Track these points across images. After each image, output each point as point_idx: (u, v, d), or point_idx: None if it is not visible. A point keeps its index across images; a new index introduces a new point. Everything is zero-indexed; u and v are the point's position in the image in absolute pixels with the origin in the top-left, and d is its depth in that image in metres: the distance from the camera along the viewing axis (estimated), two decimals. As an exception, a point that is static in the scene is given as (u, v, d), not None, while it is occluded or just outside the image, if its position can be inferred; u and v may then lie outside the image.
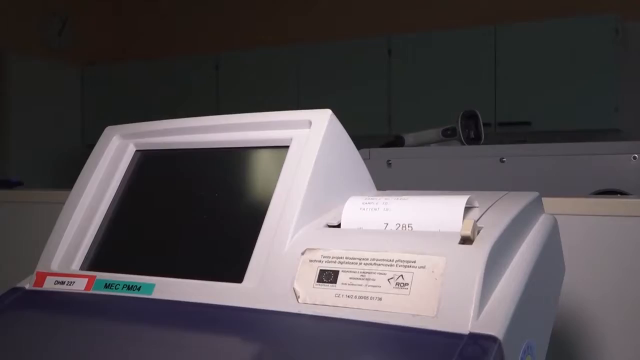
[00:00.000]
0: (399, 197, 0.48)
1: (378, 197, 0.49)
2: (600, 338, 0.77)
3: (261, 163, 0.54)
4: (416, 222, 0.46)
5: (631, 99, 3.37)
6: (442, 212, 0.45)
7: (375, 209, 0.47)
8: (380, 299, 0.41)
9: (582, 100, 3.26)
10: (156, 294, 0.49)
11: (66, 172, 4.31)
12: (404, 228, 0.46)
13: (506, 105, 3.39)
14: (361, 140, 0.50)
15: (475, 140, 1.95)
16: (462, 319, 0.38)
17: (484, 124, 2.05)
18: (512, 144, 1.78)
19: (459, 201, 0.45)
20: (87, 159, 0.60)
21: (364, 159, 0.63)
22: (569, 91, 3.28)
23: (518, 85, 3.36)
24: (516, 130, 3.38)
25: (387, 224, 0.47)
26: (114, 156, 0.59)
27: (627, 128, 3.29)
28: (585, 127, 3.24)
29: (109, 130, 0.61)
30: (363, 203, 0.48)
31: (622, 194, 1.54)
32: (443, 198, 0.46)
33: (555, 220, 0.51)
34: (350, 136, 0.53)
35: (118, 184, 0.58)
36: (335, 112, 0.52)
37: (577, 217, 0.77)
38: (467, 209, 0.47)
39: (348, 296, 0.42)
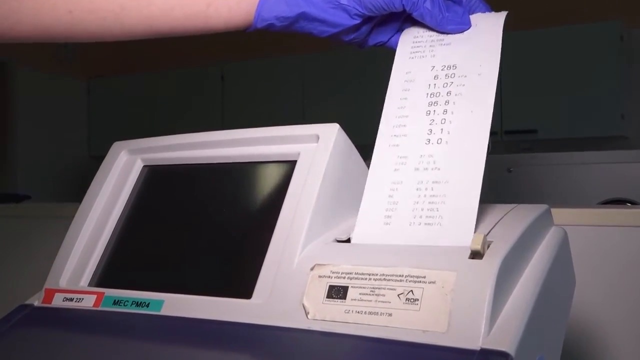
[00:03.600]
0: (444, 44, 0.54)
1: (425, 42, 0.55)
2: (612, 350, 0.76)
3: (269, 178, 0.54)
4: (459, 63, 0.52)
5: (637, 105, 3.36)
6: (479, 53, 0.52)
7: (423, 56, 0.54)
8: (390, 314, 0.41)
9: (588, 108, 3.25)
10: (165, 311, 0.48)
11: (73, 183, 4.33)
12: (449, 68, 0.52)
13: (512, 113, 3.38)
14: (368, 150, 0.52)
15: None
16: (473, 335, 0.38)
17: (490, 133, 2.04)
18: (519, 154, 1.78)
19: (494, 41, 0.52)
20: (93, 170, 0.60)
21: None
22: (575, 98, 3.27)
23: (524, 93, 3.35)
24: (523, 139, 3.37)
25: (434, 66, 0.53)
26: (121, 172, 0.59)
27: (633, 135, 3.28)
28: (591, 135, 3.23)
29: (116, 145, 0.61)
30: (412, 48, 0.55)
31: (631, 202, 1.53)
32: (478, 46, 0.53)
33: (565, 233, 0.51)
34: (357, 146, 0.53)
35: (126, 199, 0.58)
36: (341, 121, 0.52)
37: (586, 227, 0.77)
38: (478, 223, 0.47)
39: (358, 312, 0.42)
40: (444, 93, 0.51)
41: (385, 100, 0.54)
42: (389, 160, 0.51)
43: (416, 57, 0.55)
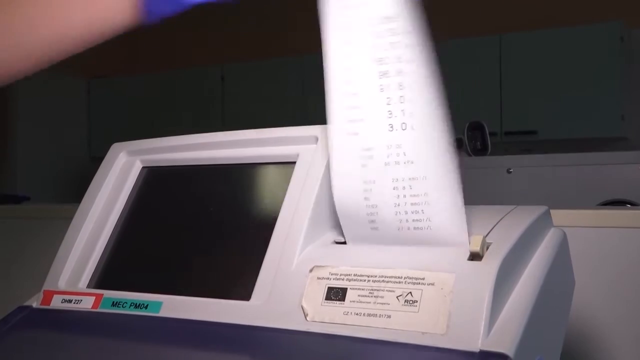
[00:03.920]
0: None
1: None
2: (611, 350, 0.76)
3: (268, 179, 0.54)
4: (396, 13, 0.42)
5: (637, 106, 3.36)
6: None
7: (356, 6, 0.43)
8: (389, 316, 0.41)
9: (588, 108, 3.25)
10: (164, 312, 0.48)
11: (72, 183, 4.32)
12: (387, 21, 0.42)
13: (512, 114, 3.38)
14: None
15: (482, 151, 1.95)
16: (472, 337, 0.38)
17: (490, 134, 2.05)
18: (518, 155, 1.78)
19: None
20: (93, 171, 0.60)
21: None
22: (575, 99, 3.27)
23: (524, 94, 3.35)
24: (522, 140, 3.37)
25: (371, 18, 0.43)
26: (120, 173, 0.59)
27: (633, 136, 3.28)
28: (591, 135, 3.23)
29: (115, 147, 0.61)
30: None
31: (631, 204, 1.53)
32: None
33: (565, 234, 0.50)
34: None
35: (125, 200, 0.58)
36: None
37: (585, 229, 0.77)
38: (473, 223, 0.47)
39: (356, 314, 0.42)
40: (393, 57, 0.42)
41: (328, 72, 0.46)
42: (352, 154, 0.45)
43: (350, 6, 0.43)
